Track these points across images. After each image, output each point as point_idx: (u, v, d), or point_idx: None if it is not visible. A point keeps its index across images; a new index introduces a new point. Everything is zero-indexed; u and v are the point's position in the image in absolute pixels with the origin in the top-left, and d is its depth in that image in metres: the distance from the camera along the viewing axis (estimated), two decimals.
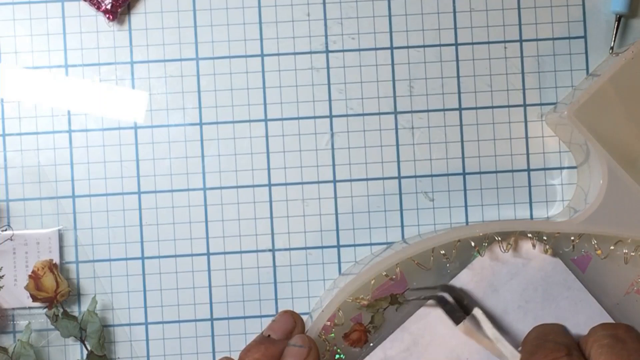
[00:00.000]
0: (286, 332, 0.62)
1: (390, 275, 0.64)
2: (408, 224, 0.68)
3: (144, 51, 0.68)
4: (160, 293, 0.68)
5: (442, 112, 0.68)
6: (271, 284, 0.68)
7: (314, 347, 0.61)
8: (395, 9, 0.68)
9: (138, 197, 0.68)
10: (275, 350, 0.60)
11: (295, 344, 0.60)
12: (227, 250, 0.68)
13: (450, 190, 0.68)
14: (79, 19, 0.68)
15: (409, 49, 0.68)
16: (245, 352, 0.61)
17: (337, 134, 0.68)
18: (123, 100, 0.68)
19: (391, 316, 0.65)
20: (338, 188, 0.68)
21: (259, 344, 0.61)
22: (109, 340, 0.67)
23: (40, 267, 0.65)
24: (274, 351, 0.60)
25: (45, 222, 0.67)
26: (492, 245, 0.64)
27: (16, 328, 0.67)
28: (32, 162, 0.68)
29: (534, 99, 0.68)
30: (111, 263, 0.68)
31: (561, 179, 0.68)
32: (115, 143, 0.68)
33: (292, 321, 0.63)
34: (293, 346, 0.60)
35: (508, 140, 0.68)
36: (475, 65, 0.68)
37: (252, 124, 0.68)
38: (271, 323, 0.63)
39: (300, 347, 0.60)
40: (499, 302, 0.64)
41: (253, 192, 0.68)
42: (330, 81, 0.68)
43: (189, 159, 0.68)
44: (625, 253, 0.64)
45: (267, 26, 0.68)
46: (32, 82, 0.68)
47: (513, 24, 0.68)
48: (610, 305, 0.65)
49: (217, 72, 0.68)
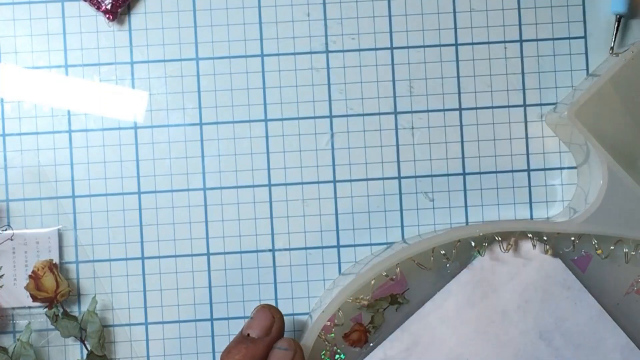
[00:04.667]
0: (265, 329, 0.61)
1: (390, 275, 0.64)
2: (408, 224, 0.68)
3: (144, 51, 0.68)
4: (160, 293, 0.68)
5: (442, 112, 0.68)
6: (271, 284, 0.68)
7: (299, 350, 0.60)
8: (395, 9, 0.68)
9: (138, 197, 0.68)
10: (255, 350, 0.59)
11: (281, 347, 0.60)
12: (227, 250, 0.68)
13: (450, 191, 0.68)
14: (79, 19, 0.68)
15: (409, 49, 0.68)
16: (226, 354, 0.60)
17: (337, 134, 0.68)
18: (123, 100, 0.68)
19: (391, 316, 0.65)
20: (338, 188, 0.68)
21: (239, 344, 0.60)
22: (109, 340, 0.67)
23: (40, 267, 0.65)
24: (255, 351, 0.59)
25: (45, 222, 0.67)
26: (492, 245, 0.64)
27: (16, 328, 0.67)
28: (32, 162, 0.67)
29: (534, 99, 0.68)
30: (111, 263, 0.68)
31: (561, 179, 0.68)
32: (115, 143, 0.68)
33: (270, 316, 0.61)
34: (278, 349, 0.60)
35: (508, 140, 0.68)
36: (475, 65, 0.68)
37: (252, 124, 0.68)
38: (249, 321, 0.61)
39: (285, 350, 0.59)
40: (499, 302, 0.64)
41: (253, 192, 0.68)
42: (330, 81, 0.68)
43: (189, 159, 0.68)
44: (625, 252, 0.64)
45: (267, 26, 0.68)
46: (32, 82, 0.68)
47: (513, 24, 0.68)
48: (610, 305, 0.65)
49: (217, 72, 0.68)
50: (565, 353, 0.64)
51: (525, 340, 0.64)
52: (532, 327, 0.64)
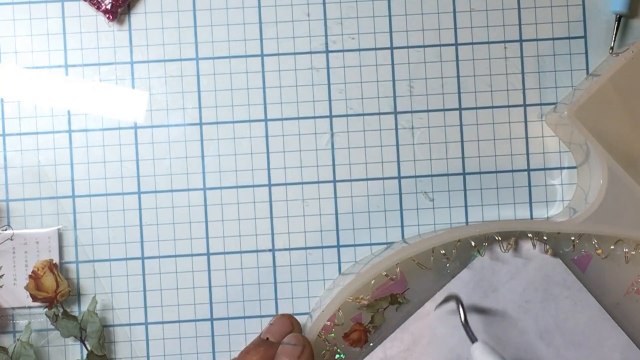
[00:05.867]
0: (284, 335, 0.63)
1: (390, 275, 0.64)
2: (408, 224, 0.68)
3: (144, 51, 0.68)
4: (160, 293, 0.68)
5: (442, 112, 0.68)
6: (271, 284, 0.68)
7: (308, 345, 0.61)
8: (395, 9, 0.68)
9: (138, 197, 0.68)
10: (272, 353, 0.61)
11: (289, 343, 0.61)
12: (227, 250, 0.68)
13: (450, 190, 0.68)
14: (79, 19, 0.68)
15: (409, 49, 0.68)
16: (244, 354, 0.61)
17: (337, 134, 0.68)
18: (123, 100, 0.68)
19: (391, 316, 0.65)
20: (338, 188, 0.68)
21: (257, 346, 0.61)
22: (109, 340, 0.67)
23: (40, 267, 0.65)
24: (272, 354, 0.61)
25: (45, 222, 0.67)
26: (492, 245, 0.64)
27: (16, 328, 0.67)
28: (32, 162, 0.67)
29: (534, 99, 0.68)
30: (111, 263, 0.68)
31: (561, 179, 0.68)
32: (115, 143, 0.68)
33: (290, 324, 0.64)
34: (287, 345, 0.61)
35: (508, 140, 0.68)
36: (475, 65, 0.68)
37: (252, 124, 0.68)
38: (269, 326, 0.64)
39: (293, 346, 0.60)
40: (499, 302, 0.64)
41: (253, 192, 0.68)
42: (330, 81, 0.68)
43: (189, 159, 0.68)
44: (625, 252, 0.64)
45: (267, 26, 0.68)
46: (32, 82, 0.68)
47: (513, 24, 0.68)
48: (610, 305, 0.65)
49: (217, 72, 0.68)
50: (565, 353, 0.64)
51: (525, 340, 0.64)
52: (532, 327, 0.64)
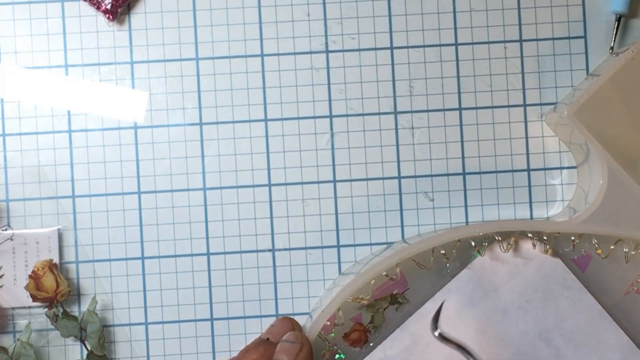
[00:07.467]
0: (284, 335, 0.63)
1: (390, 275, 0.64)
2: (408, 224, 0.68)
3: (144, 51, 0.68)
4: (160, 293, 0.68)
5: (442, 112, 0.68)
6: (271, 284, 0.68)
7: (307, 343, 0.61)
8: (395, 9, 0.68)
9: (138, 197, 0.68)
10: (272, 352, 0.61)
11: (288, 340, 0.61)
12: (227, 250, 0.68)
13: (450, 190, 0.68)
14: (79, 19, 0.68)
15: (409, 49, 0.68)
16: (244, 353, 0.61)
17: (337, 134, 0.68)
18: (123, 100, 0.68)
19: (391, 316, 0.65)
20: (338, 188, 0.68)
21: (257, 346, 0.62)
22: (109, 340, 0.67)
23: (40, 267, 0.65)
24: (272, 353, 0.61)
25: (45, 222, 0.67)
26: (492, 245, 0.64)
27: (16, 328, 0.67)
28: (32, 162, 0.67)
29: (534, 99, 0.68)
30: (111, 263, 0.68)
31: (561, 179, 0.68)
32: (115, 143, 0.68)
33: (290, 326, 0.64)
34: (285, 342, 0.61)
35: (508, 140, 0.68)
36: (475, 65, 0.68)
37: (252, 124, 0.68)
38: (270, 327, 0.64)
39: (292, 343, 0.61)
40: (499, 302, 0.64)
41: (253, 192, 0.68)
42: (330, 81, 0.68)
43: (189, 159, 0.68)
44: (625, 252, 0.64)
45: (267, 26, 0.68)
46: (32, 82, 0.68)
47: (513, 24, 0.68)
48: (610, 305, 0.65)
49: (217, 72, 0.68)
50: (565, 353, 0.64)
51: (525, 340, 0.64)
52: (532, 327, 0.64)
